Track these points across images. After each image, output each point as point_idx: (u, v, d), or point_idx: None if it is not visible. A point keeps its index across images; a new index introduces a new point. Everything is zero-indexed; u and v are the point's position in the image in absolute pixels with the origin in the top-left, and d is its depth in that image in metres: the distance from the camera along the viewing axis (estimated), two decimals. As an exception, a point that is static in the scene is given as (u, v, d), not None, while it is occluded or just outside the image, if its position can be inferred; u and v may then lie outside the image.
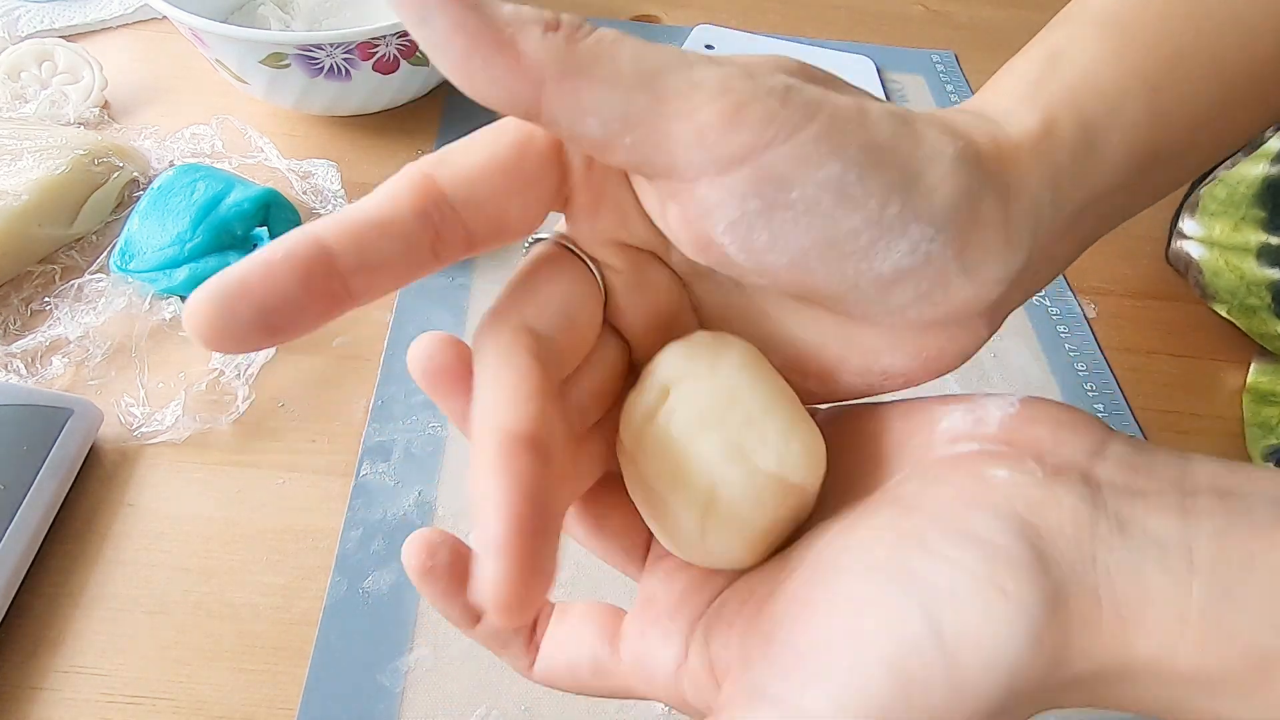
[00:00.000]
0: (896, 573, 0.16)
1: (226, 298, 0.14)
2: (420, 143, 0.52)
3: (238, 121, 0.49)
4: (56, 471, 0.33)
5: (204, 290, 0.14)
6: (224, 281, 0.14)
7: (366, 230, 0.15)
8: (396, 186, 0.16)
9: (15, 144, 0.43)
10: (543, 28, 0.15)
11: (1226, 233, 0.45)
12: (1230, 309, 0.46)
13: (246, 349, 0.15)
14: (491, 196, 0.17)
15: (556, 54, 0.15)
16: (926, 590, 0.16)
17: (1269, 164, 0.44)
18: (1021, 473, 0.17)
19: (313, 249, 0.15)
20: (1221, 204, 0.45)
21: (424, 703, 0.31)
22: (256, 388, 0.39)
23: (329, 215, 0.16)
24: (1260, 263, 0.43)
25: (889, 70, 0.63)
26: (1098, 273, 0.50)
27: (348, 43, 0.45)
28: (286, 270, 0.14)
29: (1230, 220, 0.45)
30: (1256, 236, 0.43)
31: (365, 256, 0.15)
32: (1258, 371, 0.46)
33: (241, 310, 0.14)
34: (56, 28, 0.56)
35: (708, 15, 0.65)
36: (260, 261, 0.14)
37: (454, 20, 0.14)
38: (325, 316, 0.15)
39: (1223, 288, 0.46)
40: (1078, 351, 0.46)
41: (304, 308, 0.15)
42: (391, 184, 0.16)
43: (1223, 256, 0.45)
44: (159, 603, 0.32)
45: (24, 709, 0.29)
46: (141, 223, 0.41)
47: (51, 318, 0.40)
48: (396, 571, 0.34)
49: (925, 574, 0.16)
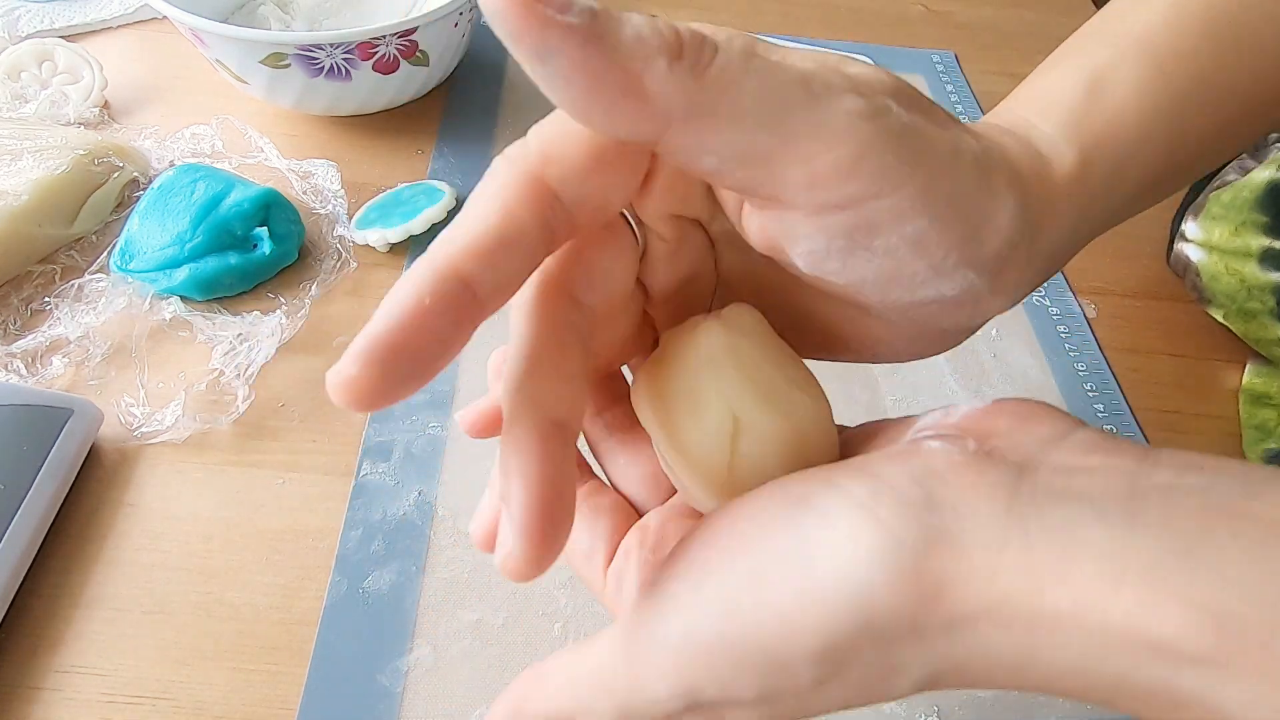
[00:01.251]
0: (796, 499, 0.17)
1: (385, 358, 0.13)
2: (420, 143, 0.52)
3: (238, 121, 0.49)
4: (56, 471, 0.33)
5: (357, 359, 0.13)
6: (374, 343, 0.13)
7: (498, 251, 0.15)
8: (510, 194, 0.15)
9: (15, 144, 0.43)
10: (668, 58, 0.14)
11: (1226, 237, 0.45)
12: (1228, 313, 0.46)
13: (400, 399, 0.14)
14: (600, 190, 0.16)
15: (684, 93, 0.14)
16: (807, 506, 0.16)
17: (1273, 169, 0.44)
18: (955, 445, 0.17)
19: (457, 286, 0.14)
20: (1224, 207, 0.46)
21: (424, 703, 0.31)
22: (256, 388, 0.39)
23: (451, 234, 0.15)
24: (1263, 267, 0.44)
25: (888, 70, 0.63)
26: (1098, 273, 0.50)
27: (348, 43, 0.45)
28: (439, 315, 0.14)
29: (1231, 225, 0.45)
30: (1258, 241, 0.44)
31: (501, 279, 0.15)
32: (1252, 374, 0.47)
33: (403, 364, 0.14)
34: (56, 28, 0.55)
35: (708, 15, 0.65)
36: (408, 311, 0.14)
37: (576, 60, 0.13)
38: (463, 344, 0.15)
39: (1220, 291, 0.46)
40: (1078, 351, 0.46)
41: (452, 343, 0.14)
42: (502, 190, 0.15)
43: (1222, 260, 0.45)
44: (159, 603, 0.32)
45: (24, 709, 0.29)
46: (141, 223, 0.41)
47: (51, 318, 0.40)
48: (396, 571, 0.34)
49: (813, 496, 0.16)
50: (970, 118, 0.60)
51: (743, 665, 0.16)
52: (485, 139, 0.52)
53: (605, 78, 0.14)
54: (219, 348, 0.40)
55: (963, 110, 0.61)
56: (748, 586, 0.16)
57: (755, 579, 0.16)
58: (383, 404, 0.14)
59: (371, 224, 0.45)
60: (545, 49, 0.13)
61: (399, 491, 0.36)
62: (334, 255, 0.45)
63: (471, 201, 0.16)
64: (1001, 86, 0.63)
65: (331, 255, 0.45)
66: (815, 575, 0.15)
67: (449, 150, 0.52)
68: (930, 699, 0.33)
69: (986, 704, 0.33)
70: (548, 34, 0.13)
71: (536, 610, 0.34)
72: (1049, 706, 0.33)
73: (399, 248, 0.45)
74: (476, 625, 0.33)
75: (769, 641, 0.16)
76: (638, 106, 0.14)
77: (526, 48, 0.13)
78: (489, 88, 0.56)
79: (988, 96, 0.62)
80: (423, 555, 0.34)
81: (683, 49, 0.14)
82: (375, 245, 0.45)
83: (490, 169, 0.16)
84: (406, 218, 0.44)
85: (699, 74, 0.14)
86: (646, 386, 0.20)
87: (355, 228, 0.45)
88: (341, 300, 0.43)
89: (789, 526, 0.16)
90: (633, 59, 0.14)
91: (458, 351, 0.15)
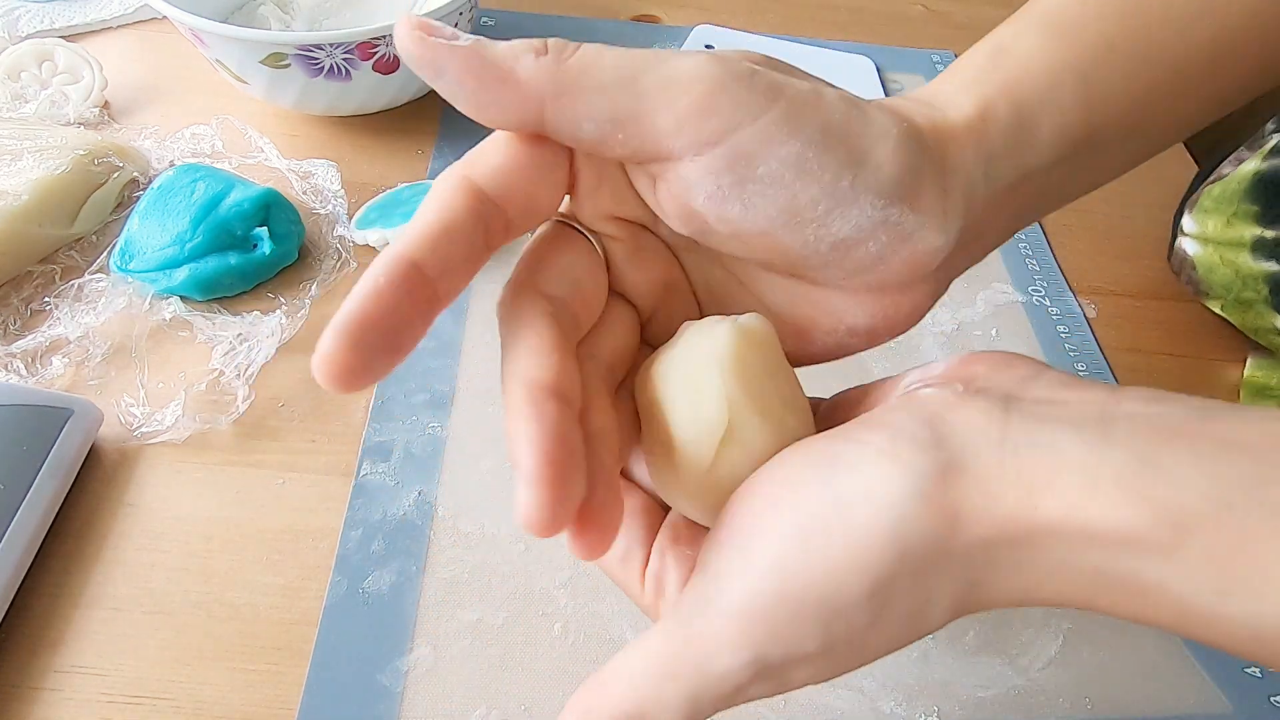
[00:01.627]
0: (818, 457, 0.18)
1: (355, 334, 0.16)
2: (420, 143, 0.52)
3: (238, 121, 0.49)
4: (56, 471, 0.33)
5: (332, 337, 0.16)
6: (345, 322, 0.16)
7: (438, 237, 0.17)
8: (446, 194, 0.18)
9: (15, 144, 0.43)
10: (534, 54, 0.18)
11: (1220, 229, 0.46)
12: (1225, 304, 0.46)
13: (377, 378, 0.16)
14: (520, 185, 0.19)
15: (549, 75, 0.18)
16: (834, 462, 0.18)
17: (1259, 160, 0.44)
18: (946, 389, 0.19)
19: (408, 268, 0.17)
20: (1215, 200, 0.46)
21: (424, 703, 0.31)
22: (256, 388, 0.39)
23: (402, 231, 0.18)
24: (1255, 256, 0.44)
25: (889, 70, 0.63)
26: (1098, 273, 0.50)
27: (348, 43, 0.45)
28: (394, 292, 0.16)
29: (1223, 216, 0.46)
30: (1250, 230, 0.44)
31: (445, 262, 0.17)
32: (1253, 366, 0.47)
33: (372, 340, 0.16)
34: (56, 28, 0.55)
35: (707, 15, 0.66)
36: (368, 293, 0.16)
37: (462, 67, 0.18)
38: (427, 325, 0.17)
39: (1217, 283, 0.46)
40: (1078, 351, 0.46)
41: (413, 321, 0.17)
42: (439, 193, 0.18)
43: (1217, 252, 0.46)
44: (159, 603, 0.32)
45: (24, 709, 0.29)
46: (141, 223, 0.41)
47: (51, 318, 0.40)
48: (396, 571, 0.34)
49: (838, 453, 0.18)
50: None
51: (803, 619, 0.17)
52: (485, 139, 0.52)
53: (485, 75, 0.18)
54: (219, 348, 0.40)
55: (963, 110, 0.61)
56: (795, 545, 0.17)
57: (801, 537, 0.17)
58: (363, 380, 0.16)
59: (371, 224, 0.45)
60: (440, 66, 0.18)
61: (399, 491, 0.36)
62: (334, 255, 0.45)
63: (419, 207, 0.19)
64: (1001, 86, 0.63)
65: (331, 255, 0.45)
66: (855, 521, 0.17)
67: (449, 150, 0.52)
68: (930, 699, 0.33)
69: (987, 704, 0.33)
70: (438, 54, 0.18)
71: (536, 610, 0.34)
72: (1049, 707, 0.33)
73: (399, 248, 0.45)
74: (476, 625, 0.33)
75: (824, 591, 0.17)
76: (515, 93, 0.18)
77: (427, 67, 0.18)
78: (489, 88, 0.56)
79: (988, 96, 0.62)
80: (423, 555, 0.34)
81: (545, 47, 0.18)
82: (375, 245, 0.45)
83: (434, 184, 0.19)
84: (406, 218, 0.44)
85: (560, 60, 0.18)
86: (654, 370, 0.21)
87: (355, 228, 0.45)
88: (341, 300, 0.43)
89: (823, 483, 0.18)
90: (505, 59, 0.18)
91: (422, 329, 0.17)
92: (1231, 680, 0.34)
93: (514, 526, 0.35)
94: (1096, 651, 0.35)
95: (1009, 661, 0.34)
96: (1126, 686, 0.34)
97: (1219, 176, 0.46)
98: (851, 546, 0.17)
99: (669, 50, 0.19)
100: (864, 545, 0.17)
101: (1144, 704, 0.34)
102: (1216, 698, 0.34)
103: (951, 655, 0.34)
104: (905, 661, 0.34)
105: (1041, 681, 0.34)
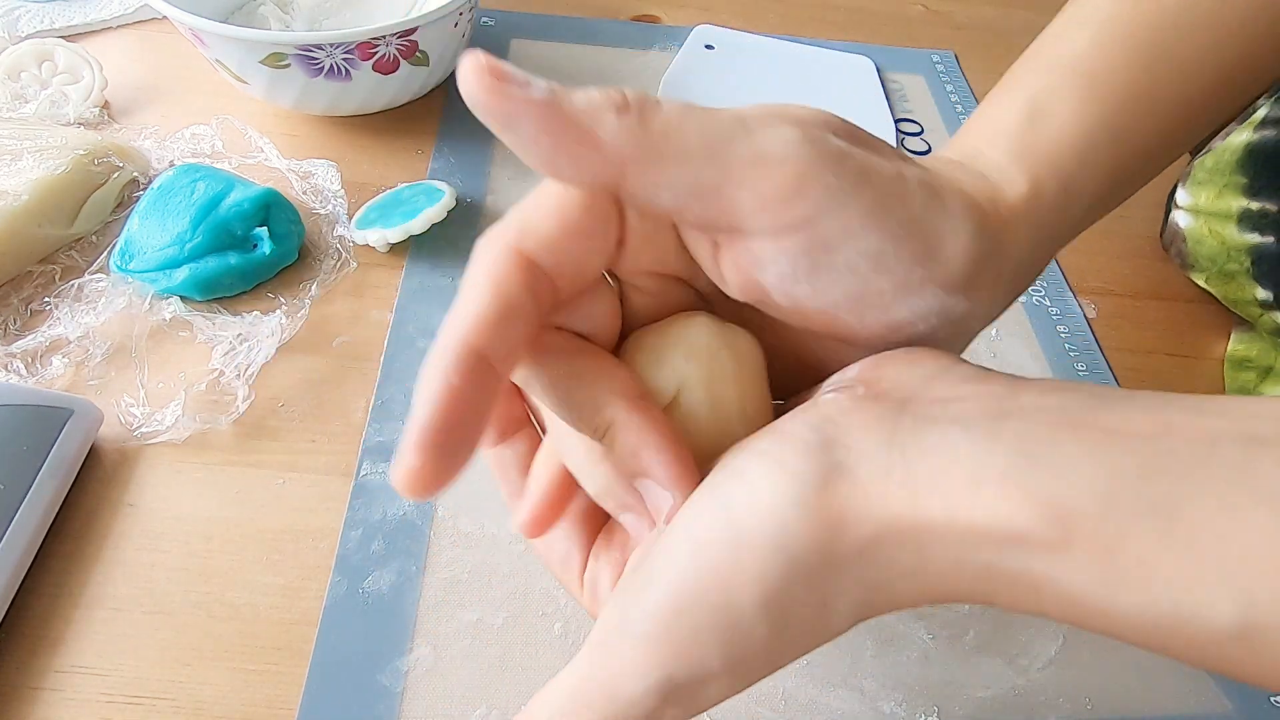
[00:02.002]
0: (717, 469, 0.18)
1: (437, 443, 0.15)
2: (420, 143, 0.52)
3: (238, 121, 0.49)
4: (56, 471, 0.33)
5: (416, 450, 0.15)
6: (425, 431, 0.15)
7: (500, 324, 0.17)
8: (498, 271, 0.17)
9: (15, 144, 0.43)
10: (616, 112, 0.17)
11: (1211, 200, 0.46)
12: (1209, 277, 0.47)
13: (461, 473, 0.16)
14: (574, 255, 0.18)
15: (634, 139, 0.17)
16: (729, 476, 0.18)
17: (1250, 131, 0.45)
18: (847, 392, 0.19)
19: (476, 361, 0.16)
20: (1208, 172, 0.47)
21: (424, 703, 0.31)
22: (256, 388, 0.39)
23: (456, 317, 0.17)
24: (1241, 228, 0.44)
25: (889, 70, 0.63)
26: (1098, 273, 0.51)
27: (348, 43, 0.45)
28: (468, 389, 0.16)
29: (1215, 187, 0.46)
30: (1238, 202, 0.45)
31: (507, 346, 0.17)
32: (1235, 340, 0.48)
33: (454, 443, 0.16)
34: (56, 28, 0.55)
35: (708, 15, 0.66)
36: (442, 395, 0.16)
37: (538, 123, 0.16)
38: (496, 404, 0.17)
39: (1203, 255, 0.47)
40: (1078, 351, 0.46)
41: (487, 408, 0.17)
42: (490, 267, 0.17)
43: (1206, 224, 0.46)
44: (159, 603, 0.32)
45: (24, 709, 0.29)
46: (141, 223, 0.41)
47: (51, 318, 0.40)
48: (396, 571, 0.34)
49: (734, 465, 0.18)
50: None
51: (702, 636, 0.17)
52: (485, 139, 0.52)
53: (564, 134, 0.16)
54: (219, 348, 0.40)
55: (962, 110, 0.61)
56: (689, 561, 0.17)
57: (694, 552, 0.17)
58: (446, 483, 0.16)
59: (371, 224, 0.45)
60: (512, 118, 0.16)
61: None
62: (334, 255, 0.45)
63: (466, 282, 0.17)
64: (1001, 86, 0.63)
65: (331, 255, 0.45)
66: (741, 529, 0.17)
67: (449, 150, 0.52)
68: (930, 699, 0.33)
69: (987, 704, 0.33)
70: (512, 106, 0.16)
71: (536, 610, 0.34)
72: (1049, 707, 0.33)
73: (399, 248, 0.45)
74: (476, 625, 0.33)
75: (718, 605, 0.17)
76: (595, 154, 0.17)
77: (498, 118, 0.16)
78: (489, 88, 0.56)
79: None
80: (423, 555, 0.34)
81: (628, 104, 0.17)
82: (375, 245, 0.45)
83: (475, 251, 0.18)
84: (406, 218, 0.44)
85: (645, 122, 0.17)
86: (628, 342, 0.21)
87: (355, 228, 0.45)
88: (341, 300, 0.43)
89: (714, 494, 0.18)
90: (585, 115, 0.16)
91: (490, 416, 0.17)
92: (1232, 680, 0.34)
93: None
94: (1096, 651, 0.35)
95: (1009, 661, 0.34)
96: (1126, 687, 0.34)
97: (1210, 149, 0.47)
98: (740, 558, 0.17)
99: (756, 113, 0.18)
100: (751, 556, 0.17)
101: (1144, 704, 0.34)
102: (1216, 698, 0.34)
103: (951, 655, 0.34)
104: (905, 661, 0.34)
105: (1041, 681, 0.34)
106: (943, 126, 0.59)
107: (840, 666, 0.33)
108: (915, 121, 0.59)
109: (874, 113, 0.59)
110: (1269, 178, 0.43)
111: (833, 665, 0.33)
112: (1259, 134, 0.44)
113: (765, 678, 0.18)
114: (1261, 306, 0.45)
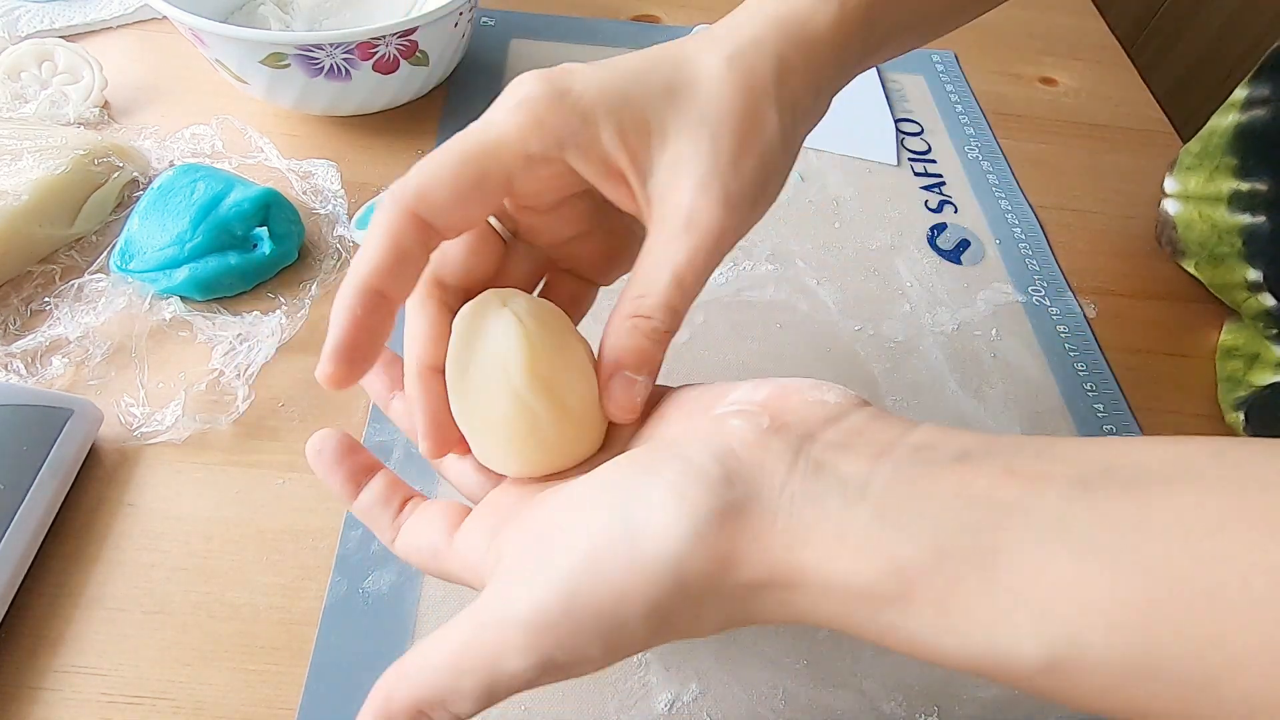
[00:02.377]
0: (617, 483, 0.20)
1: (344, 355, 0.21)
2: (420, 143, 0.52)
3: (238, 121, 0.49)
4: (56, 471, 0.33)
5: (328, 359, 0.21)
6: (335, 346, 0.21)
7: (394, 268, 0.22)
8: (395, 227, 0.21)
9: (15, 144, 0.43)
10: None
11: (1201, 184, 0.46)
12: (1199, 262, 0.47)
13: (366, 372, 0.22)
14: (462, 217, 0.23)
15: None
16: (630, 493, 0.20)
17: (1238, 112, 0.45)
18: (751, 423, 0.20)
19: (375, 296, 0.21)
20: (1196, 157, 0.47)
21: (424, 703, 0.31)
22: (256, 388, 0.39)
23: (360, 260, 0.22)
24: (1232, 209, 0.44)
25: (889, 70, 0.63)
26: (1097, 272, 0.51)
27: (348, 43, 0.45)
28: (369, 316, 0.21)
29: (1205, 171, 0.46)
30: (1229, 184, 0.45)
31: (400, 284, 0.22)
32: (1226, 331, 0.48)
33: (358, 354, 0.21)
34: (56, 28, 0.55)
35: (708, 15, 0.66)
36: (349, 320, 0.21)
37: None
38: (392, 325, 0.22)
39: (1193, 240, 0.47)
40: (1078, 351, 0.46)
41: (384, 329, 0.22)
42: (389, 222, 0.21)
43: (1196, 209, 0.47)
44: (159, 603, 0.32)
45: (24, 709, 0.29)
46: (141, 223, 0.41)
47: (51, 318, 0.40)
48: (396, 571, 0.34)
49: (635, 484, 0.20)
50: (970, 118, 0.60)
51: (587, 632, 0.19)
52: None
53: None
54: (219, 348, 0.40)
55: (962, 110, 0.61)
56: (586, 568, 0.19)
57: (592, 561, 0.19)
58: (353, 382, 0.22)
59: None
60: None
61: (399, 491, 0.36)
62: (334, 255, 0.45)
63: (370, 230, 0.22)
64: (1002, 86, 0.63)
65: (331, 255, 0.45)
66: (642, 551, 0.19)
67: (449, 150, 0.52)
68: (930, 699, 0.33)
69: (987, 704, 0.33)
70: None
71: (536, 610, 0.33)
72: (1049, 707, 0.33)
73: (399, 248, 0.45)
74: (476, 625, 0.33)
75: (608, 610, 0.19)
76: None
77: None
78: (489, 88, 0.56)
79: (988, 96, 0.62)
80: (423, 555, 0.34)
81: None
82: (375, 245, 0.45)
83: (381, 203, 0.22)
84: (406, 218, 0.44)
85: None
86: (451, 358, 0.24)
87: (355, 228, 0.45)
88: (341, 300, 0.43)
89: (617, 513, 0.19)
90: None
91: (388, 334, 0.22)
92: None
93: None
94: (1096, 651, 0.35)
95: (1009, 661, 0.34)
96: (1126, 686, 0.34)
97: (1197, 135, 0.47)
98: (636, 575, 0.19)
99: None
100: (646, 575, 0.19)
101: (1144, 704, 0.33)
102: (1216, 698, 0.34)
103: (951, 655, 0.34)
104: (905, 661, 0.34)
105: (1041, 681, 0.34)
106: (943, 127, 0.59)
107: (840, 666, 0.33)
108: (915, 121, 0.59)
109: (874, 113, 0.59)
110: (1259, 157, 0.43)
111: (833, 665, 0.33)
112: (1246, 115, 0.44)
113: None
114: (1250, 289, 0.45)
